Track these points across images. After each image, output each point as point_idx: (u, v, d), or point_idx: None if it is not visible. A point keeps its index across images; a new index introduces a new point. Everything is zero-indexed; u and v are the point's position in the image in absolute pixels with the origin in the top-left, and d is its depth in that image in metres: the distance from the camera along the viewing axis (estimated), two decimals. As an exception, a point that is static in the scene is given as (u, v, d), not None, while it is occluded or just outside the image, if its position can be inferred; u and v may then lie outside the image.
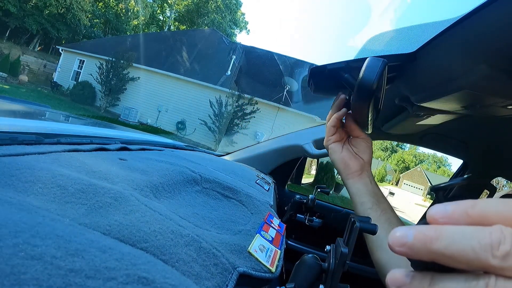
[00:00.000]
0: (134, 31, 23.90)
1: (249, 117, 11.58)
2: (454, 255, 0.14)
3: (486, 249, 0.14)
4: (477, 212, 0.15)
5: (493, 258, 0.14)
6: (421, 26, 0.56)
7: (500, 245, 0.14)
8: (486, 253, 0.14)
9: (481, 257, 0.14)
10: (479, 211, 0.15)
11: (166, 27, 26.95)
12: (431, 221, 0.16)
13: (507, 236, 0.14)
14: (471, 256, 0.14)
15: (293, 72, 12.91)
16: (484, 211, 0.15)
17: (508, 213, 0.15)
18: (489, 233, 0.14)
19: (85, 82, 13.48)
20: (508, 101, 0.50)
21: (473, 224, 0.15)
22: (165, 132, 11.81)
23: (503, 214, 0.15)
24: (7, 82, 12.83)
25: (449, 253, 0.15)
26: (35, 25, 18.73)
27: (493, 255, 0.14)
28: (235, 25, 29.47)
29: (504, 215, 0.15)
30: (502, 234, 0.14)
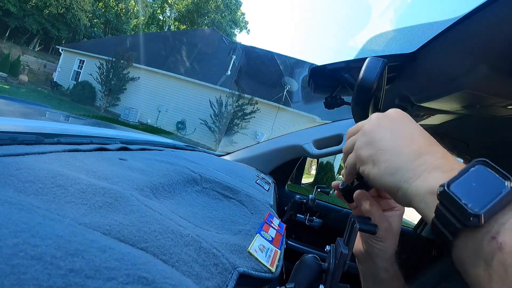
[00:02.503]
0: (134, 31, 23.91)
1: (249, 117, 11.58)
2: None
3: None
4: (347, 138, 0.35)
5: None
6: (421, 26, 0.56)
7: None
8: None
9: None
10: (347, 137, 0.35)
11: (166, 27, 26.95)
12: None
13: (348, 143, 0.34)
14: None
15: (293, 72, 12.92)
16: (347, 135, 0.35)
17: (349, 134, 0.35)
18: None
19: (85, 82, 13.48)
20: (508, 101, 0.50)
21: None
22: (165, 132, 11.82)
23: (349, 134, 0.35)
24: (7, 82, 12.83)
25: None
26: (35, 25, 18.74)
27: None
28: (235, 25, 29.48)
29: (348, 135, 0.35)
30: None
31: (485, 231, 0.20)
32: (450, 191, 0.22)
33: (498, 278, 0.19)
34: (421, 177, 0.25)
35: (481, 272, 0.20)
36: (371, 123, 0.32)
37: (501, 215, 0.20)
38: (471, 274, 0.21)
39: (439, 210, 0.23)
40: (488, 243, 0.20)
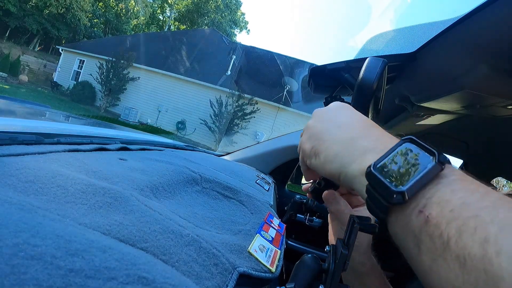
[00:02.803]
0: (134, 31, 23.92)
1: (249, 117, 11.58)
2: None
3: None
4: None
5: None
6: (421, 26, 0.56)
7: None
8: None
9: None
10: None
11: (166, 27, 26.95)
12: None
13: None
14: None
15: (293, 72, 12.92)
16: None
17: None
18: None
19: (85, 82, 13.48)
20: (508, 101, 0.50)
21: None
22: (165, 132, 11.81)
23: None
24: (7, 82, 12.83)
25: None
26: (35, 25, 18.74)
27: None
28: (235, 25, 29.48)
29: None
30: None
31: (413, 206, 0.21)
32: (376, 171, 0.22)
33: (427, 250, 0.19)
34: (356, 160, 0.26)
35: (411, 245, 0.21)
36: (313, 118, 0.34)
37: (428, 189, 0.21)
38: (404, 248, 0.22)
39: (368, 191, 0.23)
40: (416, 218, 0.20)
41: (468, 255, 0.17)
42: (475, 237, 0.17)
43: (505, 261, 0.16)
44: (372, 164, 0.23)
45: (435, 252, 0.19)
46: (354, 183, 0.26)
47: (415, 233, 0.20)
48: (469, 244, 0.17)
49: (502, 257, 0.16)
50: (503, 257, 0.16)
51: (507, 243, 0.16)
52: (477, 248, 0.17)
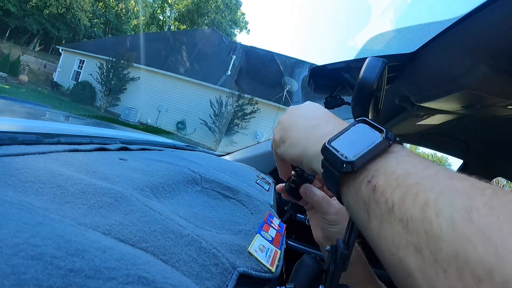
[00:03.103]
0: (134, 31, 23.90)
1: (249, 117, 11.58)
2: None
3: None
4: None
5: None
6: (421, 26, 0.56)
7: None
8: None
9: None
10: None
11: (166, 27, 26.95)
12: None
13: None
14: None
15: (293, 72, 12.91)
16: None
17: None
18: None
19: (85, 82, 13.48)
20: (508, 101, 0.50)
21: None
22: (165, 132, 11.81)
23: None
24: (7, 82, 12.83)
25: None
26: (35, 25, 18.73)
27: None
28: (235, 25, 29.48)
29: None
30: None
31: (363, 176, 0.23)
32: (330, 146, 0.25)
33: (374, 216, 0.21)
34: (315, 143, 0.28)
35: (361, 213, 0.22)
36: (285, 114, 0.37)
37: (376, 162, 0.23)
38: (356, 216, 0.23)
39: (323, 165, 0.26)
40: (365, 187, 0.22)
41: (410, 218, 0.18)
42: (416, 202, 0.18)
43: (444, 222, 0.17)
44: (327, 141, 0.26)
45: (382, 217, 0.20)
46: (314, 163, 0.28)
47: (364, 201, 0.22)
48: (411, 208, 0.19)
49: (441, 218, 0.17)
50: (442, 219, 0.17)
51: (445, 206, 0.17)
52: (418, 212, 0.18)
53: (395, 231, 0.19)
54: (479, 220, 0.16)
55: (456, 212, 0.17)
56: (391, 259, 0.19)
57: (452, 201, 0.17)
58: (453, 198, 0.17)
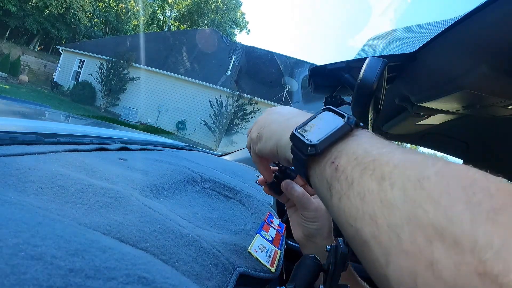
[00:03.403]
0: (134, 31, 23.90)
1: (249, 117, 11.58)
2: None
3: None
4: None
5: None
6: (421, 26, 0.56)
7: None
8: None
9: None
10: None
11: (166, 27, 26.94)
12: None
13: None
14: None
15: (293, 72, 12.90)
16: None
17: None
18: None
19: (85, 82, 13.47)
20: (508, 101, 0.50)
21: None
22: (165, 132, 11.81)
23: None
24: (7, 82, 12.82)
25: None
26: (35, 25, 18.72)
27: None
28: (235, 24, 29.48)
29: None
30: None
31: (327, 158, 0.24)
32: (297, 132, 0.27)
33: (336, 192, 0.22)
34: (287, 133, 0.30)
35: (325, 191, 0.24)
36: (262, 116, 0.39)
37: (339, 145, 0.24)
38: (321, 196, 0.25)
39: (292, 150, 0.28)
40: (329, 167, 0.24)
41: (367, 191, 0.20)
42: (373, 176, 0.20)
43: (397, 191, 0.18)
44: (294, 128, 0.28)
45: (341, 192, 0.22)
46: (286, 151, 0.30)
47: (327, 180, 0.23)
48: (368, 182, 0.20)
49: (395, 189, 0.18)
50: (395, 189, 0.18)
51: (399, 178, 0.19)
52: (375, 185, 0.19)
53: (353, 204, 0.20)
54: (429, 187, 0.17)
55: (408, 181, 0.18)
56: (350, 230, 0.20)
57: (405, 172, 0.19)
58: (406, 169, 0.19)
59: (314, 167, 0.25)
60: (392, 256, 0.17)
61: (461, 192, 0.16)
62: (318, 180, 0.25)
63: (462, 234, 0.15)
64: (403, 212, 0.17)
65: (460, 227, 0.15)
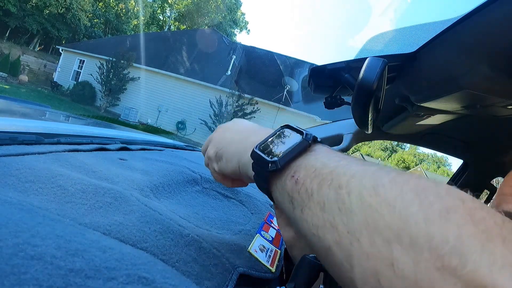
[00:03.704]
0: (134, 31, 23.89)
1: (249, 117, 11.57)
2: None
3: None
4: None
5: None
6: (421, 26, 0.56)
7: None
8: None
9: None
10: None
11: (166, 27, 26.94)
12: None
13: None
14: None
15: (293, 72, 12.90)
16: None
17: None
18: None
19: (85, 82, 13.47)
20: (508, 101, 0.50)
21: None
22: (165, 132, 11.80)
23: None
24: (7, 82, 12.82)
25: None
26: (35, 25, 18.72)
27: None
28: (235, 24, 29.47)
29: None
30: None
31: (287, 173, 0.25)
32: (258, 150, 0.28)
33: (297, 204, 0.23)
34: (248, 152, 0.30)
35: (287, 204, 0.25)
36: (215, 132, 0.39)
37: (298, 160, 0.25)
38: (284, 209, 0.26)
39: (253, 167, 0.28)
40: (289, 181, 0.25)
41: (326, 200, 0.21)
42: (331, 186, 0.21)
43: (354, 198, 0.19)
44: (255, 146, 0.29)
45: (302, 203, 0.23)
46: (248, 169, 0.30)
47: (288, 193, 0.24)
48: (326, 191, 0.21)
49: (352, 195, 0.19)
50: (352, 196, 0.19)
51: (355, 186, 0.20)
52: (333, 194, 0.21)
53: (314, 214, 0.21)
54: (384, 193, 0.18)
55: (364, 189, 0.19)
56: (313, 239, 0.21)
57: (362, 181, 0.20)
58: (362, 179, 0.20)
59: (276, 182, 0.26)
60: (355, 260, 0.18)
61: (414, 196, 0.17)
62: (279, 194, 0.26)
63: (418, 233, 0.16)
64: (360, 217, 0.18)
65: (415, 226, 0.16)
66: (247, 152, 0.31)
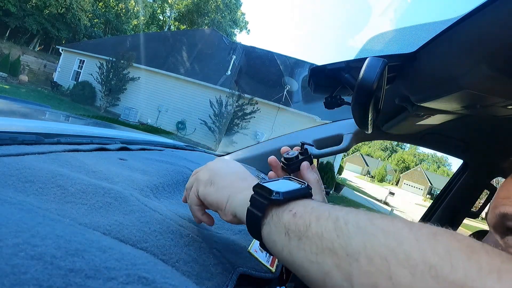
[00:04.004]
0: (134, 31, 23.88)
1: (249, 117, 11.57)
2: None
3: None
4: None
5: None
6: (421, 26, 0.56)
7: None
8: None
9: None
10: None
11: (166, 27, 26.93)
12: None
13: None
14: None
15: (293, 72, 12.89)
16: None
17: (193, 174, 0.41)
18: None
19: (85, 82, 13.46)
20: (508, 101, 0.50)
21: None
22: (165, 132, 11.80)
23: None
24: (7, 82, 12.82)
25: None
26: (35, 25, 18.71)
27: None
28: (235, 24, 29.46)
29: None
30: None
31: (285, 207, 0.28)
32: (263, 183, 0.30)
33: (294, 235, 0.25)
34: (242, 192, 0.33)
35: (282, 235, 0.26)
36: (213, 162, 0.41)
37: (297, 200, 0.28)
38: (277, 240, 0.27)
39: (253, 198, 0.30)
40: (287, 214, 0.27)
41: (324, 230, 0.23)
42: (329, 219, 0.24)
43: (351, 226, 0.22)
44: (257, 183, 0.30)
45: (300, 234, 0.24)
46: (237, 208, 0.32)
47: (285, 225, 0.26)
48: (324, 223, 0.24)
49: (349, 225, 0.22)
50: (350, 225, 0.22)
51: (351, 218, 0.23)
52: (331, 224, 0.23)
53: (312, 242, 0.23)
54: (379, 223, 0.22)
55: (360, 220, 0.22)
56: (311, 266, 0.23)
57: (357, 215, 0.23)
58: (357, 214, 0.23)
59: (272, 214, 0.28)
60: (354, 277, 0.20)
61: (404, 224, 0.21)
62: (274, 226, 0.27)
63: (411, 249, 0.19)
64: (358, 241, 0.21)
65: (408, 245, 0.19)
66: (242, 190, 0.33)
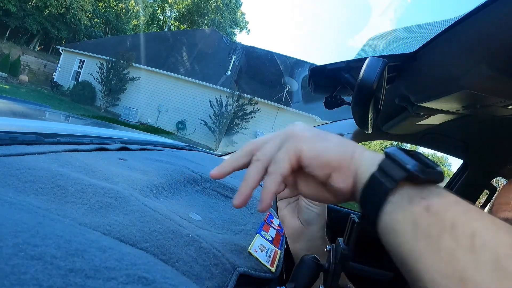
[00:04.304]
0: (134, 31, 23.88)
1: (249, 117, 11.58)
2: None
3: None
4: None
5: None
6: (421, 26, 0.56)
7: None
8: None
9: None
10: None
11: (166, 27, 26.94)
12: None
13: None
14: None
15: (293, 72, 12.90)
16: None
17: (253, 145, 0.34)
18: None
19: (85, 82, 13.48)
20: (508, 101, 0.50)
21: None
22: (165, 132, 11.81)
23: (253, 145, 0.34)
24: (7, 82, 12.82)
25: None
26: (35, 25, 18.72)
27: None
28: (235, 24, 29.47)
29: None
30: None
31: (417, 192, 0.22)
32: (395, 150, 0.25)
33: (423, 236, 0.21)
34: (367, 151, 0.28)
35: (408, 230, 0.21)
36: (295, 127, 0.33)
37: (433, 187, 0.23)
38: (398, 232, 0.22)
39: (384, 162, 0.25)
40: (417, 203, 0.22)
41: (457, 247, 0.19)
42: (464, 231, 0.20)
43: (488, 258, 0.18)
44: (388, 148, 0.26)
45: (432, 241, 0.20)
46: (360, 168, 0.27)
47: (414, 220, 0.21)
48: (459, 236, 0.19)
49: (486, 254, 0.18)
50: (487, 254, 0.18)
51: (491, 240, 0.19)
52: (464, 242, 0.19)
53: (441, 258, 0.19)
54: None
55: (501, 250, 0.18)
56: (444, 267, 0.19)
57: (497, 239, 0.19)
58: (497, 235, 0.19)
59: (402, 192, 0.23)
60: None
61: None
62: (401, 212, 0.22)
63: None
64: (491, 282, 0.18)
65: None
66: (365, 149, 0.28)
